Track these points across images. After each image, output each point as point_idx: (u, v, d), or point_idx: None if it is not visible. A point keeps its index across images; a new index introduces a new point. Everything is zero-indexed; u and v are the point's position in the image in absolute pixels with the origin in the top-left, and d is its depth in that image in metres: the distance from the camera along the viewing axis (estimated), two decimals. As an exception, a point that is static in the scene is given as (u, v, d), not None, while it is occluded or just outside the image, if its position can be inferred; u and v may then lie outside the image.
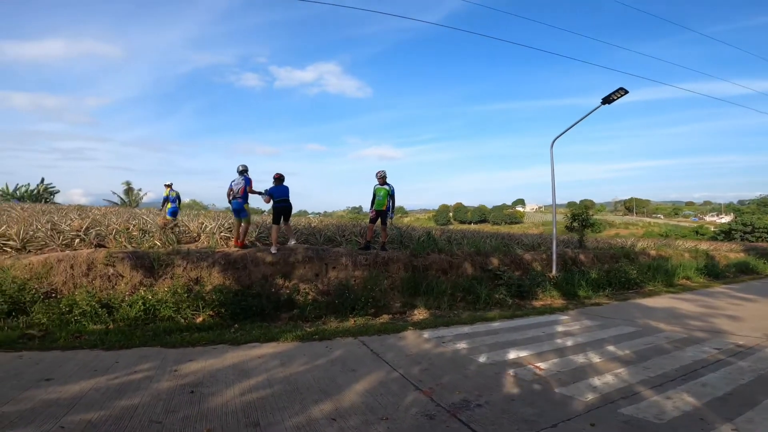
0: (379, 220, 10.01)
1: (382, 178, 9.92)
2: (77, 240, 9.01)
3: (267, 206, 9.79)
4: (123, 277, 7.70)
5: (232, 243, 9.44)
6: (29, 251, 8.58)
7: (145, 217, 11.67)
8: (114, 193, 25.28)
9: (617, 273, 12.82)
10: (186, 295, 7.48)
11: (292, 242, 9.11)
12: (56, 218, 10.90)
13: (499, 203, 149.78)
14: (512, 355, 6.04)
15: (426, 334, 7.15)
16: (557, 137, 12.51)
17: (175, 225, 10.18)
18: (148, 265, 7.87)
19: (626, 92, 11.01)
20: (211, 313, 7.47)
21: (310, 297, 8.51)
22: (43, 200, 27.63)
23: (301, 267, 8.73)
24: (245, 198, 9.21)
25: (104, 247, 9.05)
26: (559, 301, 10.55)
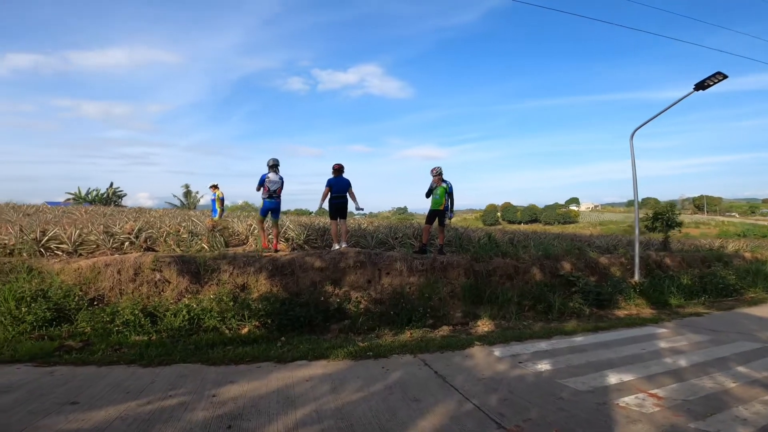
0: (436, 220, 9.11)
1: (438, 175, 9.02)
2: (127, 243, 8.83)
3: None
4: (169, 282, 7.33)
5: (271, 246, 8.87)
6: (80, 255, 8.48)
7: (195, 219, 11.49)
8: (174, 195, 26.15)
9: (712, 278, 11.07)
10: (232, 303, 6.97)
11: (343, 245, 8.41)
12: (111, 221, 10.94)
13: (551, 202, 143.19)
14: (613, 378, 4.98)
15: (497, 351, 6.19)
16: (638, 128, 11.01)
17: (224, 228, 9.82)
18: (195, 270, 7.45)
19: (724, 77, 9.43)
20: (256, 323, 6.91)
21: (362, 306, 7.76)
22: (112, 203, 29.15)
23: (352, 273, 8.01)
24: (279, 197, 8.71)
25: (153, 250, 8.82)
26: (647, 311, 9.16)
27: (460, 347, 6.37)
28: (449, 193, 9.06)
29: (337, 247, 8.27)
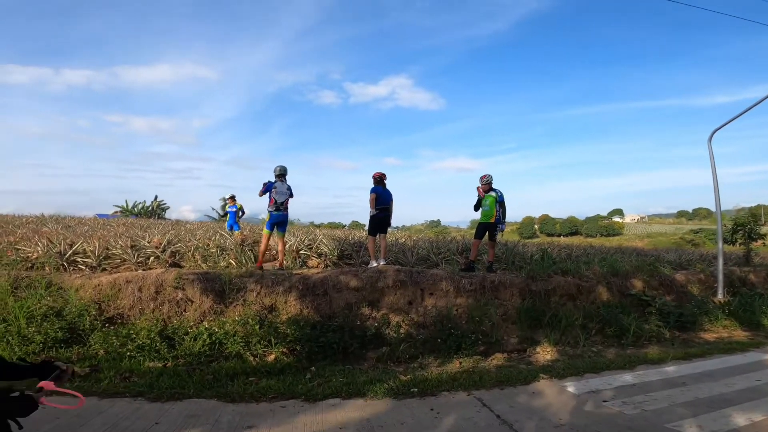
0: (486, 234, 8.11)
1: (487, 184, 8.05)
2: (152, 258, 8.34)
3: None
4: (192, 302, 6.68)
5: (277, 264, 8.07)
6: (104, 269, 8.04)
7: (223, 232, 10.97)
8: (213, 209, 26.20)
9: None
10: (258, 326, 6.22)
11: (382, 262, 7.54)
12: (144, 233, 10.58)
13: (591, 214, 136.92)
14: (740, 419, 3.89)
15: (571, 387, 5.15)
16: (717, 129, 9.73)
17: (253, 242, 9.19)
18: (219, 289, 6.78)
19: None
20: (284, 350, 6.11)
21: (402, 331, 6.83)
22: (156, 216, 29.70)
23: (391, 293, 7.11)
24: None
25: (179, 266, 8.27)
26: (739, 334, 7.88)
27: (523, 381, 5.38)
28: (500, 202, 8.06)
29: (374, 264, 7.41)
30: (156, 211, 31.28)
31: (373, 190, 7.64)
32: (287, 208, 7.92)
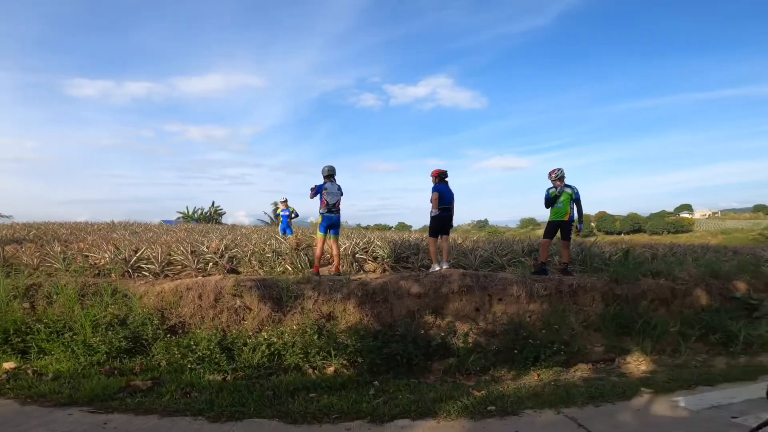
0: (559, 233, 7.33)
1: (559, 179, 7.27)
2: (211, 264, 8.30)
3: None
4: (250, 310, 6.49)
5: (333, 269, 7.72)
6: (167, 276, 8.09)
7: (278, 236, 10.87)
8: (265, 213, 26.76)
9: None
10: (316, 336, 5.90)
11: (445, 266, 6.99)
12: (204, 239, 10.70)
13: (655, 210, 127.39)
14: None
15: (683, 402, 4.50)
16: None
17: (308, 246, 8.96)
18: (277, 296, 6.54)
19: None
20: (344, 361, 5.74)
21: (470, 340, 6.27)
22: (214, 221, 30.88)
23: (456, 299, 6.55)
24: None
25: (236, 272, 8.18)
26: None
27: (621, 396, 4.73)
28: (575, 200, 7.25)
29: (437, 268, 6.88)
30: (214, 217, 32.52)
31: (435, 189, 7.10)
32: (339, 209, 7.58)
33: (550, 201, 7.33)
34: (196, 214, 32.35)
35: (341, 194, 7.56)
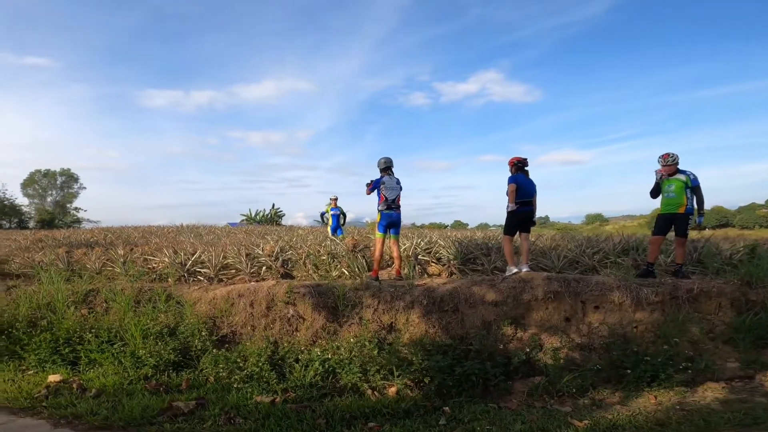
0: (672, 228, 6.01)
1: (673, 164, 5.97)
2: (264, 268, 7.84)
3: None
4: (303, 319, 5.88)
5: (393, 272, 6.90)
6: (221, 280, 7.75)
7: (334, 238, 10.29)
8: (321, 213, 26.64)
9: None
10: (376, 350, 5.13)
11: (524, 269, 5.93)
12: (260, 241, 10.39)
13: (743, 203, 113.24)
14: None
15: None
16: None
17: (365, 247, 8.24)
18: (332, 304, 5.87)
19: None
20: (408, 381, 4.91)
21: (561, 356, 5.19)
22: (274, 222, 31.52)
23: (541, 308, 5.49)
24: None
25: (290, 276, 7.66)
26: None
27: None
28: (692, 187, 5.89)
29: (514, 271, 5.85)
30: (273, 218, 33.21)
31: (511, 180, 6.06)
32: (399, 205, 6.76)
33: (655, 190, 6.03)
34: (257, 217, 33.24)
35: (401, 188, 6.75)
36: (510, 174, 6.19)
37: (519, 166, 6.19)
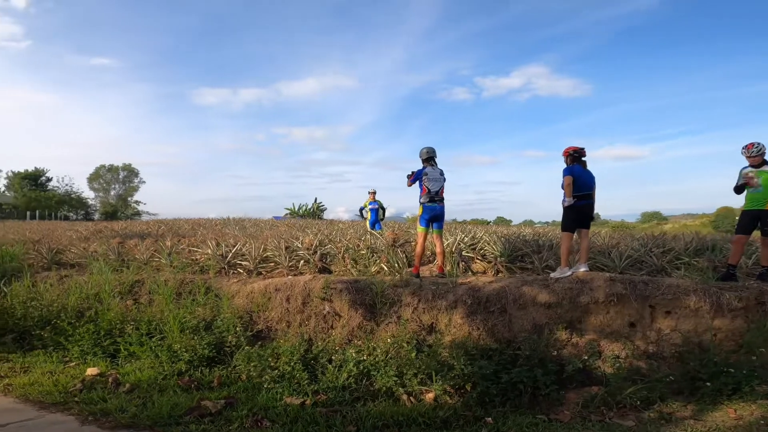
0: (758, 227, 5.21)
1: (756, 156, 5.17)
2: (302, 262, 7.68)
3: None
4: (340, 317, 5.62)
5: (435, 269, 6.46)
6: (260, 273, 7.67)
7: (374, 232, 10.00)
8: (361, 208, 26.64)
9: None
10: (414, 353, 4.77)
11: (582, 268, 5.34)
12: (300, 234, 10.31)
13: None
14: None
15: None
16: None
17: (405, 242, 7.89)
18: (369, 301, 5.57)
19: None
20: (448, 387, 4.52)
21: (623, 365, 4.62)
22: (316, 216, 31.98)
23: (601, 311, 4.90)
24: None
25: (328, 270, 7.45)
26: None
27: None
28: None
29: (569, 272, 5.27)
30: (316, 212, 33.69)
31: (567, 171, 5.45)
32: (443, 198, 6.33)
33: (740, 186, 5.23)
34: (300, 211, 33.86)
35: (444, 180, 6.33)
36: (565, 165, 5.59)
37: (575, 156, 5.56)
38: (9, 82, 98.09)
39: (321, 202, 34.91)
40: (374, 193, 11.79)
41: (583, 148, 5.62)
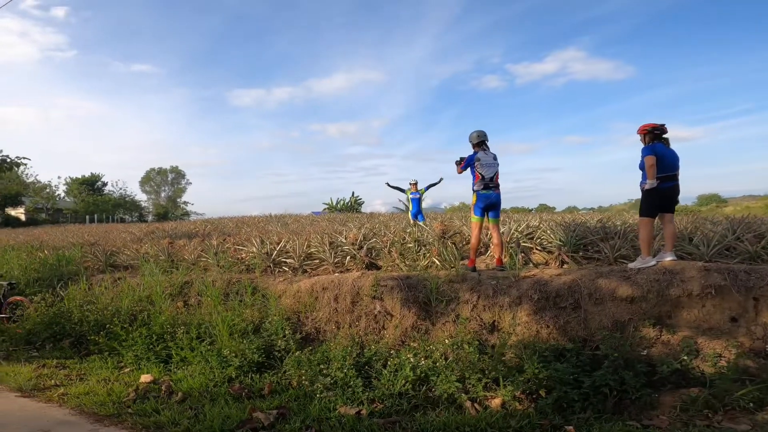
0: None
1: None
2: (348, 257, 7.37)
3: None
4: (392, 316, 5.26)
5: (494, 261, 5.94)
6: (305, 271, 7.45)
7: (421, 223, 9.56)
8: (400, 200, 26.29)
9: None
10: (476, 354, 4.32)
11: (668, 257, 4.67)
12: (341, 228, 10.03)
13: None
14: None
15: None
16: None
17: (443, 232, 7.39)
18: (423, 299, 5.17)
19: None
20: (518, 393, 4.04)
21: (729, 364, 3.97)
22: (354, 210, 32.01)
23: (696, 305, 4.24)
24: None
25: (375, 266, 7.10)
26: None
27: None
28: None
29: (652, 261, 4.62)
30: (354, 206, 33.72)
31: (648, 150, 4.76)
32: (498, 184, 5.83)
33: None
34: (338, 205, 33.99)
35: (498, 164, 5.81)
36: (643, 145, 4.92)
37: (655, 134, 4.87)
38: (61, 91, 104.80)
39: (358, 196, 34.89)
40: (415, 183, 11.32)
41: (663, 125, 4.92)
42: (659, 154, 4.72)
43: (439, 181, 11.32)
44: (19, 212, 46.38)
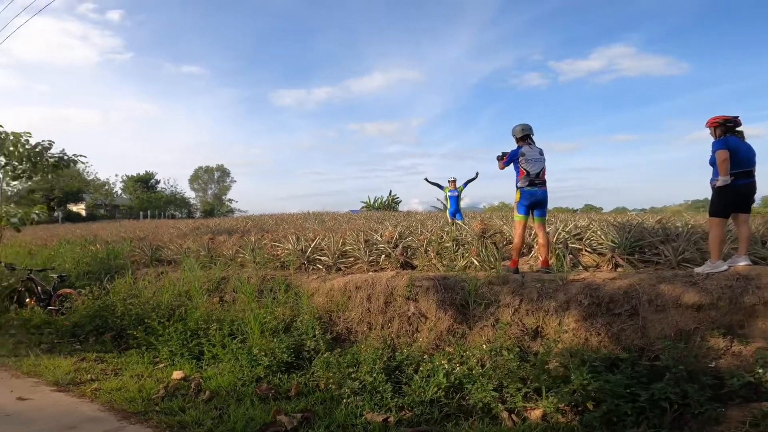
0: None
1: None
2: (383, 256, 7.16)
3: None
4: (426, 318, 4.99)
5: (539, 263, 5.48)
6: (339, 269, 7.31)
7: (459, 222, 9.21)
8: (438, 199, 25.90)
9: None
10: (517, 362, 3.98)
11: (741, 262, 4.12)
12: (378, 226, 9.85)
13: None
14: None
15: None
16: None
17: (483, 231, 7.01)
18: (461, 301, 4.86)
19: None
20: (562, 405, 3.67)
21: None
22: (391, 209, 31.95)
23: (775, 316, 3.70)
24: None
25: (411, 265, 6.84)
26: None
27: None
28: None
29: (724, 266, 4.09)
30: (391, 205, 33.66)
31: (721, 145, 4.23)
32: (545, 181, 5.42)
33: None
34: (376, 203, 34.02)
35: (544, 160, 5.42)
36: (714, 139, 4.39)
37: (728, 127, 4.32)
38: (119, 94, 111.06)
39: (396, 195, 34.84)
40: (454, 181, 10.95)
41: (737, 116, 4.37)
42: (733, 148, 4.17)
43: (476, 177, 10.90)
44: (80, 208, 49.72)
